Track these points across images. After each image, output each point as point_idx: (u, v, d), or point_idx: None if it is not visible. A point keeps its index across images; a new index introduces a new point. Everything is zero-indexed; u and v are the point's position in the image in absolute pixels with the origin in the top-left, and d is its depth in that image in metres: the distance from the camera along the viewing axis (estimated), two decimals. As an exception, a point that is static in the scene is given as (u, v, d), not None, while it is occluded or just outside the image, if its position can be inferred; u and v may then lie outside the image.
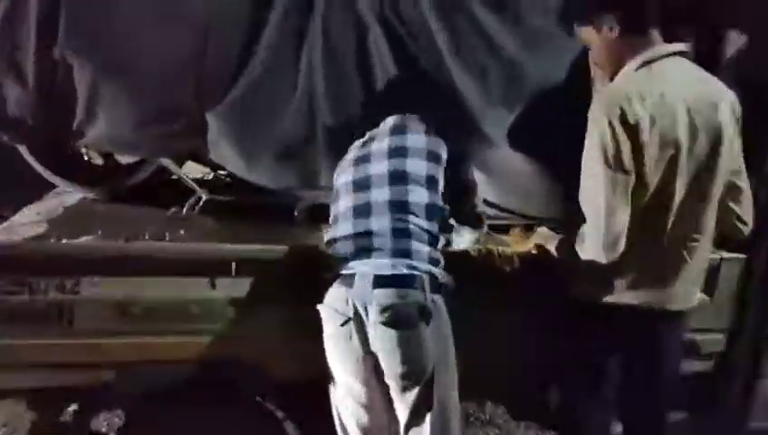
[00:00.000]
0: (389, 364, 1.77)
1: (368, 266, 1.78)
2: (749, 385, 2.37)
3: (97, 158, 2.61)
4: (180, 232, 2.15)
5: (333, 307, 1.81)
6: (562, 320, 1.92)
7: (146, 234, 2.10)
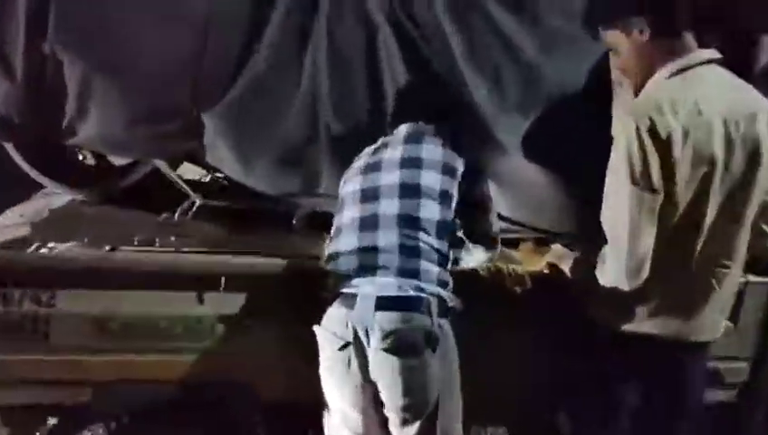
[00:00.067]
0: (390, 395, 1.65)
1: (371, 286, 1.66)
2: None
3: (89, 158, 2.55)
4: (171, 238, 2.09)
5: (331, 330, 1.68)
6: (576, 344, 1.79)
7: (135, 240, 2.03)
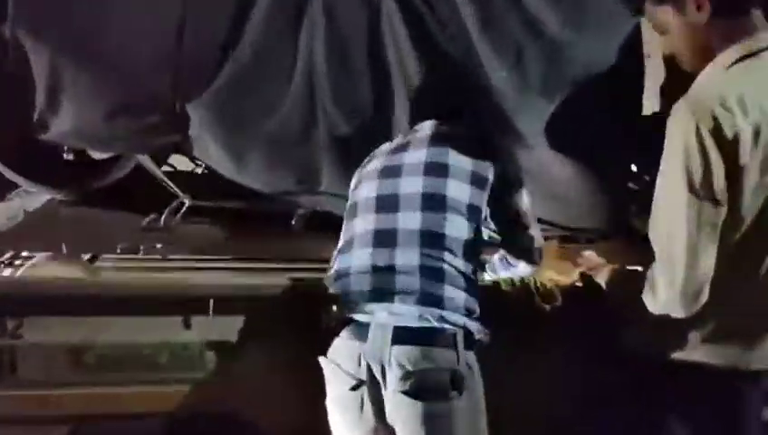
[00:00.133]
0: None
1: (387, 314, 1.45)
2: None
3: (68, 153, 2.39)
4: (157, 245, 1.96)
5: (340, 365, 1.48)
6: (614, 370, 1.59)
7: (117, 247, 1.92)
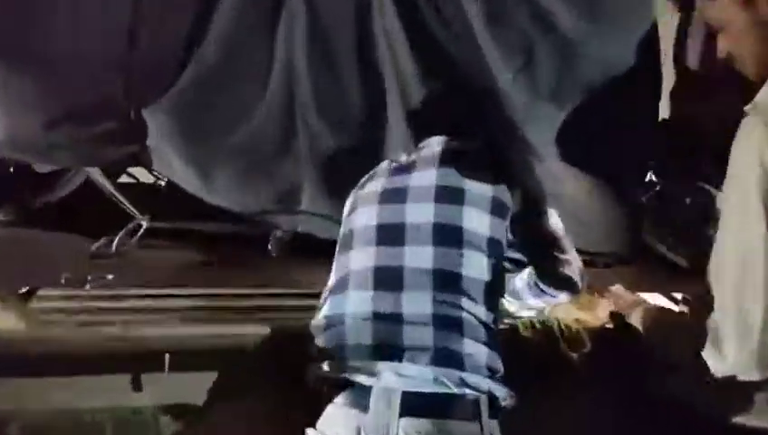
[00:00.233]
0: None
1: (394, 376, 1.22)
2: None
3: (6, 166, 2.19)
4: (108, 277, 1.78)
5: None
6: (659, 431, 1.41)
7: (61, 278, 1.73)
